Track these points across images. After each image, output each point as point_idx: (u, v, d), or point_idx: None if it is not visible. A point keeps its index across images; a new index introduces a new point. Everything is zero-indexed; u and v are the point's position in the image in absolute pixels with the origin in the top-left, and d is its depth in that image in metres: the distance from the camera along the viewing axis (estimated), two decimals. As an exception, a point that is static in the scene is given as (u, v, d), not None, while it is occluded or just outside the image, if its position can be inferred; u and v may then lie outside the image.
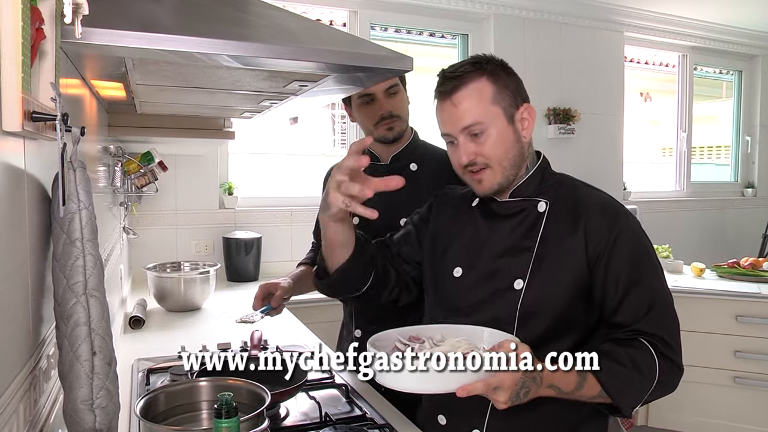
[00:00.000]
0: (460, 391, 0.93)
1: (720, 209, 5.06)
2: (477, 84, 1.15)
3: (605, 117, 4.37)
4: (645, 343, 1.11)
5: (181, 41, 0.95)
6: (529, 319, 1.14)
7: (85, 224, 0.85)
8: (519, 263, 1.17)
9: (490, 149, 1.15)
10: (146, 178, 2.49)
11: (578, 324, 1.17)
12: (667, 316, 1.14)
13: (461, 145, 1.16)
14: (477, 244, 1.24)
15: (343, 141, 3.85)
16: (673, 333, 1.14)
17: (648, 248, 1.18)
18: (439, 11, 3.80)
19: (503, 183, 1.18)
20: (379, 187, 1.08)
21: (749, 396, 3.02)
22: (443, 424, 1.24)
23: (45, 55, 0.80)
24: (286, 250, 3.41)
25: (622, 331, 1.13)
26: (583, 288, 1.15)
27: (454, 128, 1.16)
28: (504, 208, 1.22)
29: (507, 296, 1.16)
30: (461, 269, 1.23)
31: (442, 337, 1.09)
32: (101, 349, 0.85)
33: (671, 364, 1.11)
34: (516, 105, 1.18)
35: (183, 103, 1.71)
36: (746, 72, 5.28)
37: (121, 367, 1.64)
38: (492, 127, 1.15)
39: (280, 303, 1.61)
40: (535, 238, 1.17)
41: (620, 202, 1.21)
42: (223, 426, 0.90)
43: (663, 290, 1.16)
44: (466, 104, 1.14)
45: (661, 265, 1.20)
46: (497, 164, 1.16)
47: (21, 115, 0.67)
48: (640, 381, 1.09)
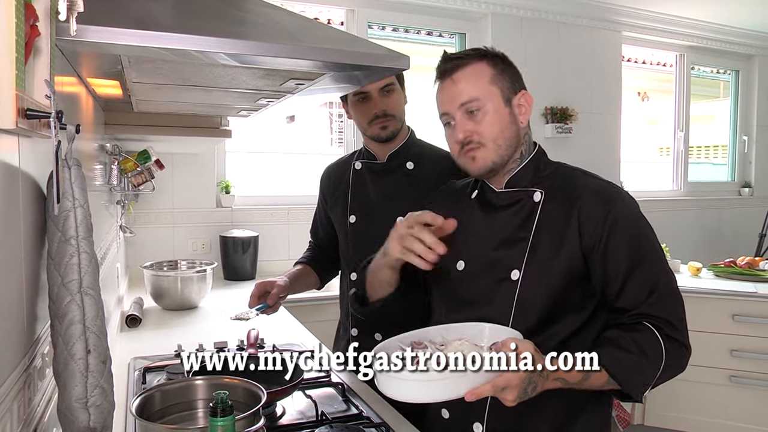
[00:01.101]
0: (469, 395, 0.94)
1: (717, 209, 5.07)
2: (477, 65, 1.19)
3: (603, 116, 4.38)
4: (649, 326, 1.11)
5: (177, 39, 0.95)
6: (525, 308, 1.15)
7: (80, 222, 0.85)
8: (515, 254, 1.18)
9: (486, 127, 1.17)
10: (143, 177, 2.48)
11: (575, 310, 1.18)
12: (670, 298, 1.14)
13: (458, 123, 1.18)
14: (476, 236, 1.25)
15: (341, 140, 3.85)
16: (678, 314, 1.14)
17: (647, 232, 1.18)
18: (437, 10, 3.80)
19: (497, 162, 1.19)
20: (443, 252, 1.12)
21: (745, 395, 3.03)
22: (446, 418, 1.26)
23: (39, 53, 0.80)
24: (284, 249, 3.41)
25: (626, 316, 1.14)
26: (578, 275, 1.15)
27: (452, 105, 1.18)
28: (500, 199, 1.24)
29: (504, 286, 1.18)
30: (464, 262, 1.24)
31: (443, 339, 1.09)
32: (96, 347, 0.84)
33: (678, 345, 1.12)
34: (514, 90, 1.20)
35: (180, 102, 1.71)
36: (743, 72, 5.29)
37: (118, 365, 1.64)
38: (489, 105, 1.17)
39: (276, 301, 1.61)
40: (530, 228, 1.18)
41: (620, 188, 1.21)
42: (219, 424, 0.89)
43: (665, 272, 1.16)
44: (464, 82, 1.18)
45: (661, 247, 1.19)
46: (491, 142, 1.17)
47: (15, 113, 0.66)
48: (647, 365, 1.10)
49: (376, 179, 1.73)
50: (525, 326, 1.11)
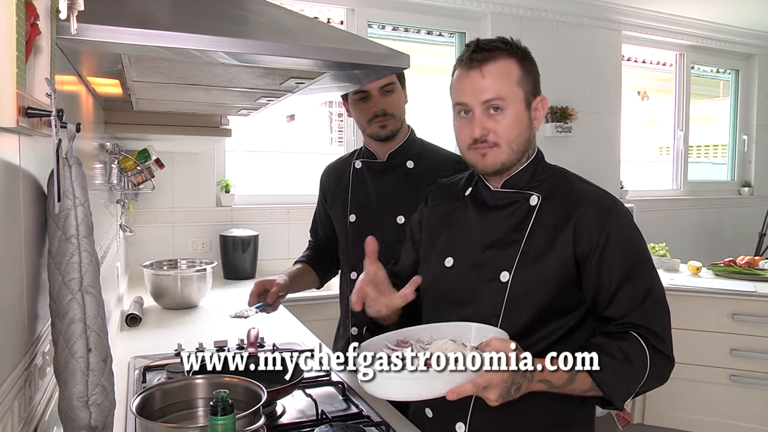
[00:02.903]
0: (450, 394, 0.94)
1: (717, 208, 5.07)
2: (508, 62, 1.17)
3: (603, 116, 4.37)
4: (636, 335, 1.11)
5: (177, 38, 0.95)
6: (514, 311, 1.15)
7: (80, 221, 0.85)
8: (506, 255, 1.18)
9: (505, 128, 1.16)
10: (143, 176, 2.48)
11: (564, 316, 1.17)
12: (659, 309, 1.15)
13: (477, 118, 1.16)
14: (467, 234, 1.24)
15: (341, 139, 3.85)
16: (665, 326, 1.14)
17: (640, 242, 1.19)
18: (437, 9, 3.79)
19: (506, 163, 1.19)
20: (398, 306, 1.18)
21: (745, 394, 3.03)
22: (430, 417, 1.26)
23: (40, 51, 0.80)
24: (284, 248, 3.41)
25: (614, 324, 1.14)
26: (569, 282, 1.15)
27: (474, 98, 1.16)
28: (495, 198, 1.23)
29: (493, 288, 1.17)
30: (452, 259, 1.24)
31: (430, 338, 1.09)
32: (97, 345, 0.84)
33: (662, 356, 1.12)
34: (534, 94, 1.20)
35: (179, 100, 1.71)
36: (743, 71, 5.28)
37: (118, 364, 1.64)
38: (511, 107, 1.16)
39: (276, 300, 1.61)
40: (524, 232, 1.18)
41: (614, 195, 1.21)
42: (219, 423, 0.89)
43: (655, 284, 1.17)
44: (492, 78, 1.15)
45: (651, 258, 1.21)
46: (506, 145, 1.16)
47: (16, 111, 0.66)
48: (631, 374, 1.10)
49: (376, 178, 1.73)
50: (513, 329, 1.10)
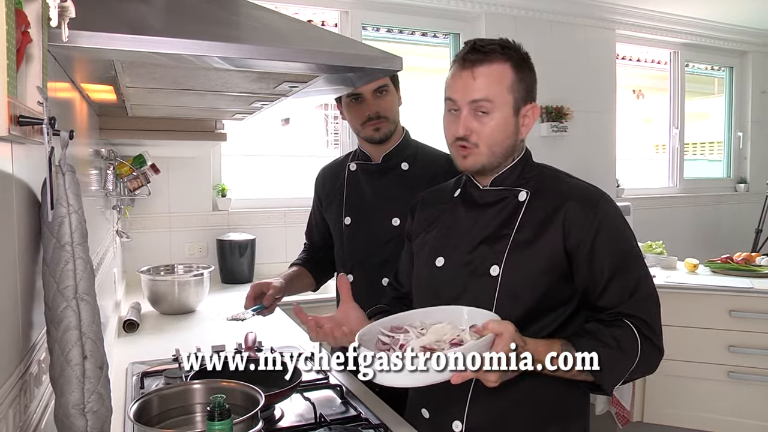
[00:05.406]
0: (456, 378, 0.94)
1: (713, 205, 5.09)
2: (501, 66, 1.17)
3: (598, 115, 4.38)
4: (629, 324, 1.13)
5: (170, 43, 0.95)
6: (506, 304, 1.16)
7: (74, 228, 0.85)
8: (496, 250, 1.19)
9: (488, 131, 1.17)
10: (139, 181, 2.47)
11: (555, 308, 1.18)
12: (649, 300, 1.17)
13: (463, 117, 1.17)
14: (457, 233, 1.25)
15: (336, 141, 3.85)
16: (654, 316, 1.16)
17: (629, 235, 1.20)
18: (431, 11, 3.80)
19: (486, 166, 1.20)
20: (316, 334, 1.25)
21: (743, 390, 3.03)
22: (426, 418, 1.27)
23: (31, 59, 0.80)
24: (280, 252, 3.41)
25: (606, 314, 1.15)
26: (560, 274, 1.16)
27: (463, 97, 1.17)
28: (484, 197, 1.24)
29: (484, 282, 1.18)
30: (443, 259, 1.25)
31: (423, 323, 1.09)
32: (92, 353, 0.84)
33: (652, 345, 1.13)
34: (525, 101, 1.20)
35: (174, 105, 1.71)
36: (737, 68, 5.30)
37: (116, 370, 1.64)
38: (498, 112, 1.16)
39: (272, 302, 1.61)
40: (513, 226, 1.19)
41: (602, 190, 1.22)
42: (216, 428, 0.89)
43: (645, 275, 1.18)
44: (483, 80, 1.15)
45: (640, 250, 1.22)
46: (487, 147, 1.17)
47: (7, 120, 0.66)
48: (622, 360, 1.11)
49: (371, 180, 1.73)
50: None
